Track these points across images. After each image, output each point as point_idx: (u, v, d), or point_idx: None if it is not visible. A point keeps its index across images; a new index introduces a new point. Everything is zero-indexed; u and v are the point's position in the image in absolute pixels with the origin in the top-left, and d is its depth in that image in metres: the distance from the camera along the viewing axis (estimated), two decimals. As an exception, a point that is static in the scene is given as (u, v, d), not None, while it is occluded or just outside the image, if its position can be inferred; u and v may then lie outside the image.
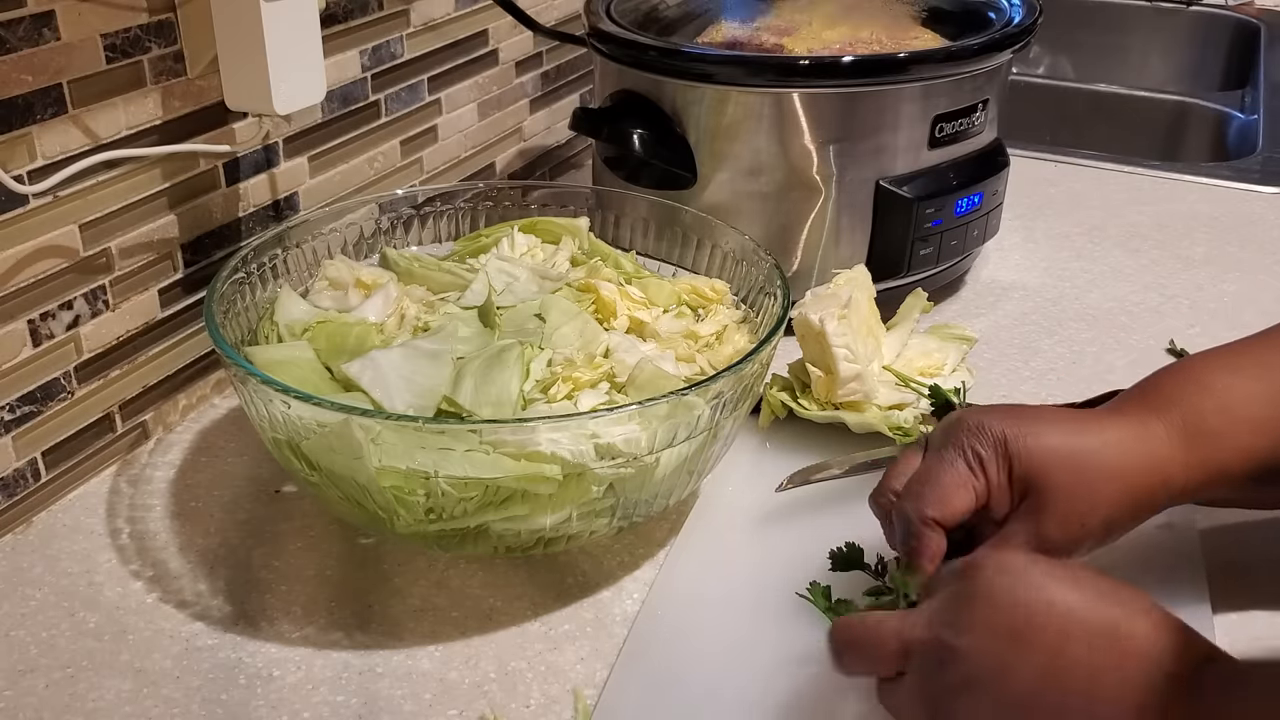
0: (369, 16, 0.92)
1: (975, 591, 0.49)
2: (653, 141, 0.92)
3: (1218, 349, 0.63)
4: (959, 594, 0.50)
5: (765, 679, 0.61)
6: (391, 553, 0.70)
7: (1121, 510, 0.58)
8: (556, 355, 0.69)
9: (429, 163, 1.04)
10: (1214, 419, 0.58)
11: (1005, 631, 0.48)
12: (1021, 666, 0.47)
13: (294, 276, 0.78)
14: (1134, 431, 0.59)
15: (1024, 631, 0.47)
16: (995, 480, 0.58)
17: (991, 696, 0.47)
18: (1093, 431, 0.59)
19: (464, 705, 0.60)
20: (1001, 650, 0.48)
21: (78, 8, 0.68)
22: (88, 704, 0.60)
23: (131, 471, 0.78)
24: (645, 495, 0.65)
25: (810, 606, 0.64)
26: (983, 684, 0.48)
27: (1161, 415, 0.59)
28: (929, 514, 0.57)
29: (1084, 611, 0.48)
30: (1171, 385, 0.61)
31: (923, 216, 0.91)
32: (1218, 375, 0.61)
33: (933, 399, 0.76)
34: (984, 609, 0.49)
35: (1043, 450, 0.57)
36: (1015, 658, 0.47)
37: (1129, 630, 0.47)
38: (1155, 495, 0.58)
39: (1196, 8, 1.81)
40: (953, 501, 0.58)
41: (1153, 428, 0.59)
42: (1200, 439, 0.58)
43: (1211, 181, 1.25)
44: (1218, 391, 0.60)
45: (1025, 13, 0.97)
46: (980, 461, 0.58)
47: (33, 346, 0.71)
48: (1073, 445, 0.58)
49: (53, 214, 0.70)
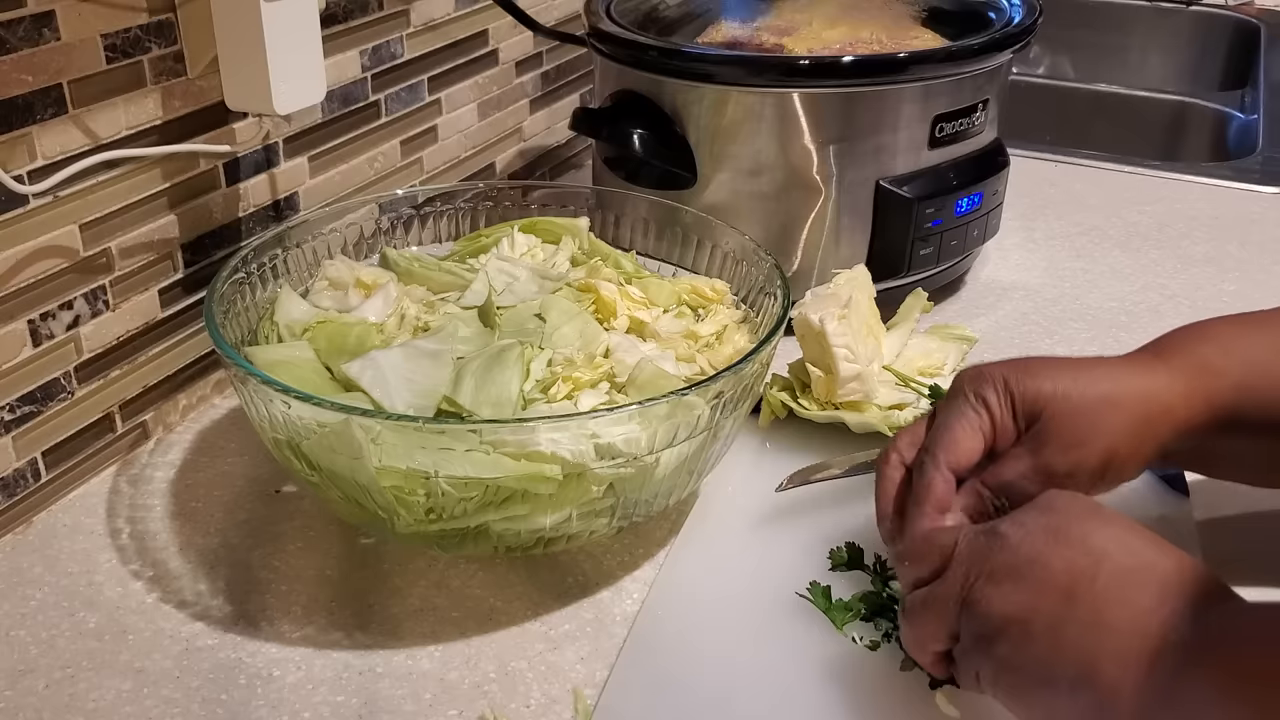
0: (369, 16, 0.92)
1: (1036, 502, 0.53)
2: (653, 141, 0.92)
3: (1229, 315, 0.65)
4: (1028, 506, 0.53)
5: (765, 679, 0.61)
6: (391, 553, 0.70)
7: (1121, 437, 0.59)
8: (556, 355, 0.69)
9: (429, 163, 1.04)
10: (1215, 359, 0.60)
11: (1050, 530, 0.51)
12: (1055, 562, 0.50)
13: (294, 276, 0.78)
14: (1134, 368, 0.60)
15: (1066, 533, 0.51)
16: (1000, 419, 0.59)
17: (1023, 584, 0.50)
18: (1090, 367, 0.61)
19: (464, 705, 0.60)
20: (1041, 545, 0.51)
21: (78, 8, 0.68)
22: (88, 704, 0.60)
23: (131, 471, 0.78)
24: (645, 495, 0.65)
25: (810, 606, 0.64)
26: (1017, 571, 0.50)
27: (1164, 358, 0.61)
28: (941, 458, 0.59)
29: (1127, 535, 0.51)
30: (1177, 337, 0.63)
31: (923, 216, 0.91)
32: (1223, 327, 0.63)
33: (933, 399, 0.76)
34: (1038, 513, 0.53)
35: (1042, 383, 0.59)
36: (1051, 553, 0.50)
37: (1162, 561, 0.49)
38: (1155, 424, 0.59)
39: (1196, 8, 1.81)
40: (964, 446, 0.59)
41: (1154, 365, 0.60)
42: (1200, 374, 0.60)
43: (1211, 181, 1.25)
44: (1221, 339, 0.62)
45: (1025, 13, 0.97)
46: (985, 403, 0.59)
47: (33, 346, 0.71)
48: (1072, 377, 0.59)
49: (53, 214, 0.70)
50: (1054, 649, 0.49)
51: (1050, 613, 0.49)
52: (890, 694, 0.59)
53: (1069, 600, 0.49)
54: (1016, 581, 0.50)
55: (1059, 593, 0.49)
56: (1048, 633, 0.49)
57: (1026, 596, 0.50)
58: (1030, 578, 0.50)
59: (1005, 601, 0.50)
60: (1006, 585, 0.51)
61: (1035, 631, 0.49)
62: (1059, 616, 0.49)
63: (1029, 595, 0.50)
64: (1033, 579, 0.50)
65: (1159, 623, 0.47)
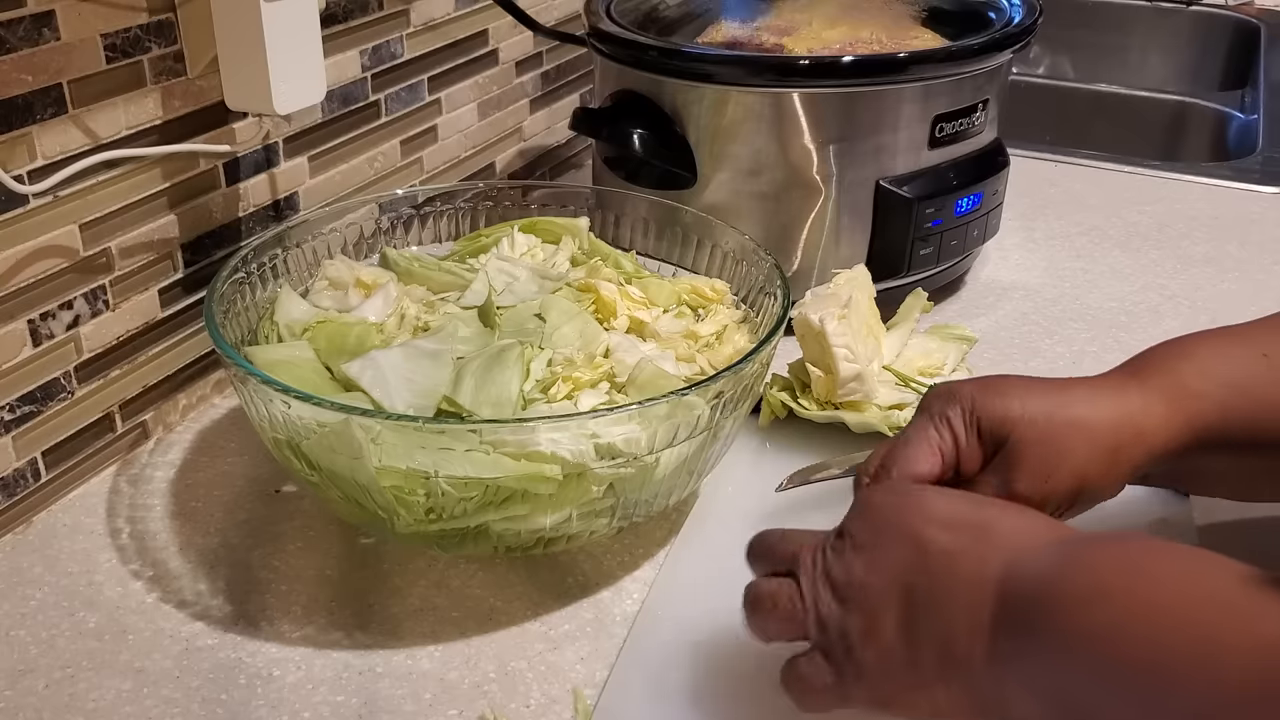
0: (369, 16, 0.92)
1: (859, 504, 0.55)
2: (653, 141, 0.92)
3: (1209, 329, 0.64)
4: (851, 514, 0.55)
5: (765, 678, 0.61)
6: (391, 553, 0.70)
7: (1091, 464, 0.58)
8: (556, 355, 0.69)
9: (429, 163, 1.04)
10: (1193, 380, 0.59)
11: (887, 514, 0.52)
12: (892, 545, 0.51)
13: (294, 276, 0.78)
14: (1106, 390, 0.59)
15: (899, 514, 0.52)
16: (964, 440, 0.59)
17: (866, 563, 0.51)
18: (1061, 389, 0.59)
19: (464, 705, 0.60)
20: (879, 526, 0.52)
21: (78, 8, 0.68)
22: (88, 704, 0.60)
23: (131, 471, 0.78)
24: (645, 495, 0.65)
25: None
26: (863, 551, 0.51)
27: (1141, 379, 0.60)
28: (894, 473, 0.59)
29: (954, 504, 0.52)
30: (1155, 355, 0.62)
31: (923, 216, 0.91)
32: (1200, 344, 0.61)
33: (933, 399, 0.76)
34: (873, 505, 0.54)
35: (1010, 404, 0.58)
36: (888, 535, 0.51)
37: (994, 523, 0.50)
38: (1128, 450, 0.58)
39: (1196, 8, 1.81)
40: (917, 460, 0.59)
41: (1128, 387, 0.59)
42: (1179, 397, 0.58)
43: (1211, 181, 1.25)
44: (1199, 357, 0.60)
45: (1025, 13, 0.97)
46: (948, 423, 0.59)
47: (33, 346, 0.71)
48: (1040, 401, 0.58)
49: (53, 214, 0.70)
50: (911, 646, 0.49)
51: (895, 617, 0.49)
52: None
53: (907, 598, 0.49)
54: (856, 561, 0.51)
55: (896, 594, 0.50)
56: (901, 635, 0.49)
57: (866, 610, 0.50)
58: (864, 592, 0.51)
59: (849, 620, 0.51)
60: (849, 561, 0.52)
61: (887, 638, 0.50)
62: (902, 618, 0.49)
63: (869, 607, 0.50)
64: (866, 594, 0.51)
65: (990, 583, 0.47)
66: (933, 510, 0.52)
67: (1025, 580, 0.47)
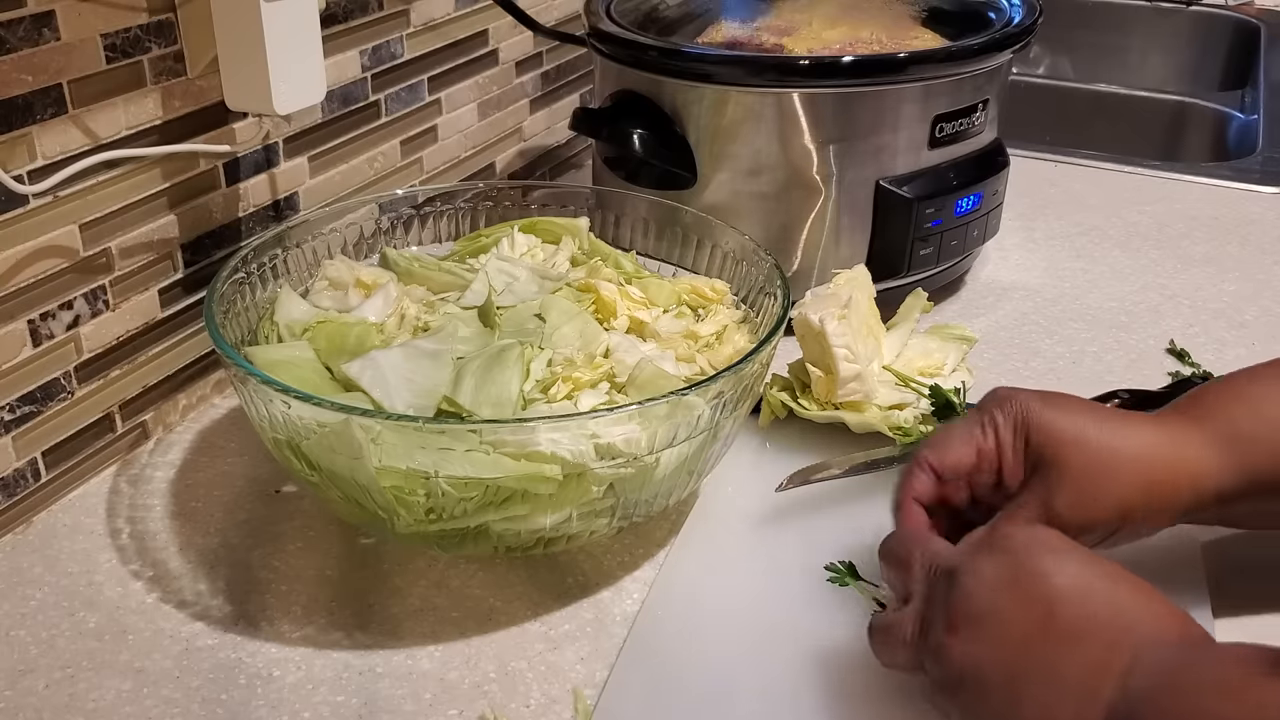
0: (369, 16, 0.92)
1: (995, 543, 0.52)
2: (653, 141, 0.92)
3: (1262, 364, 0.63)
4: (987, 543, 0.52)
5: (765, 678, 0.61)
6: (391, 553, 0.70)
7: (1136, 498, 0.57)
8: (556, 355, 0.69)
9: (429, 163, 1.04)
10: (1245, 423, 0.58)
11: (1006, 578, 0.50)
12: (1010, 615, 0.49)
13: (294, 276, 0.78)
14: (1167, 430, 0.59)
15: (1021, 580, 0.49)
16: (1008, 445, 0.59)
17: (979, 636, 0.49)
18: (1118, 419, 0.59)
19: (464, 705, 0.60)
20: (997, 595, 0.50)
21: (78, 8, 0.68)
22: (88, 704, 0.60)
23: (131, 471, 0.78)
24: (645, 495, 0.65)
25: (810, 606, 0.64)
26: (974, 622, 0.50)
27: (1199, 422, 0.59)
28: (925, 456, 0.60)
29: (1085, 577, 0.49)
30: (1210, 396, 0.61)
31: (923, 216, 0.91)
32: (1254, 385, 0.61)
33: (933, 399, 0.76)
34: (993, 556, 0.51)
35: (1062, 426, 0.58)
36: (1007, 605, 0.49)
37: (1120, 606, 0.48)
38: (1179, 492, 0.58)
39: (1196, 8, 1.81)
40: (952, 451, 0.59)
41: (1188, 431, 0.59)
42: (1233, 442, 0.58)
43: (1211, 181, 1.25)
44: (1252, 399, 0.60)
45: (1025, 13, 0.97)
46: (994, 426, 0.59)
47: (33, 346, 0.71)
48: (1096, 428, 0.58)
49: (53, 214, 0.70)
50: (1011, 704, 0.48)
51: (1006, 667, 0.48)
52: (891, 693, 0.59)
53: (1024, 653, 0.48)
54: (973, 632, 0.50)
55: (1014, 646, 0.49)
56: (1005, 687, 0.48)
57: (984, 649, 0.49)
58: (986, 630, 0.49)
59: (963, 654, 0.50)
60: (964, 635, 0.50)
61: (992, 686, 0.49)
62: (1014, 672, 0.48)
63: (986, 648, 0.49)
64: (989, 632, 0.49)
65: (1114, 673, 0.46)
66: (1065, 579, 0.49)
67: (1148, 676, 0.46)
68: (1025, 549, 0.51)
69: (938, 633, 0.51)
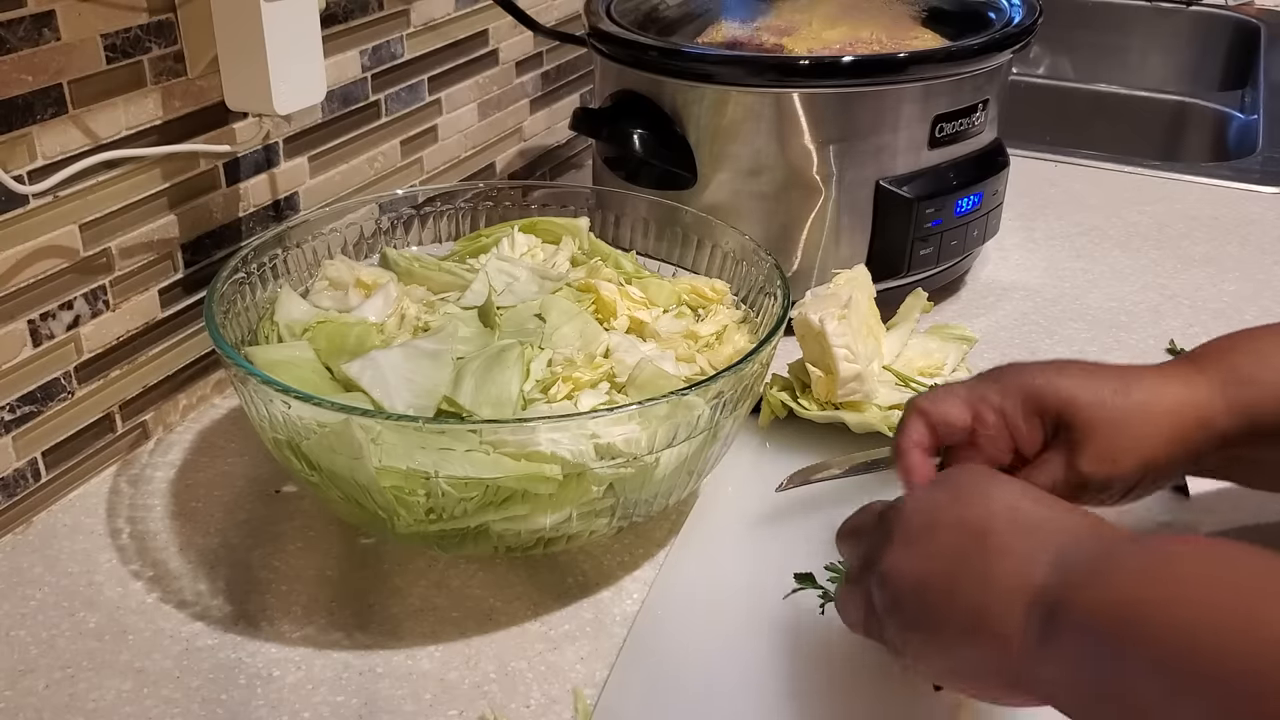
0: (369, 16, 0.92)
1: (938, 479, 0.55)
2: (653, 141, 0.92)
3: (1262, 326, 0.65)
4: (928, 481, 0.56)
5: (765, 678, 0.61)
6: (391, 553, 0.70)
7: (1157, 447, 0.59)
8: (556, 355, 0.69)
9: (429, 163, 1.04)
10: (1253, 369, 0.60)
11: (948, 496, 0.52)
12: (949, 522, 0.51)
13: (294, 276, 0.78)
14: (1173, 378, 0.60)
15: (962, 496, 0.52)
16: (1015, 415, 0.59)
17: (920, 546, 0.51)
18: (1126, 375, 0.60)
19: (464, 705, 0.60)
20: (938, 509, 0.52)
21: (78, 8, 0.68)
22: (88, 704, 0.60)
23: (131, 471, 0.78)
24: (645, 495, 0.65)
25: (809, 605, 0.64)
26: (915, 536, 0.52)
27: (1201, 368, 0.61)
28: (919, 402, 0.61)
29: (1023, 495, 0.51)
30: (1214, 346, 0.63)
31: (923, 216, 0.91)
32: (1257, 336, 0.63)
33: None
34: (937, 484, 0.54)
35: (1075, 388, 0.59)
36: (947, 515, 0.51)
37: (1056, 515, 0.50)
38: (1192, 437, 0.59)
39: (1196, 8, 1.81)
40: (945, 403, 0.60)
41: (1192, 377, 0.60)
42: (1236, 385, 0.59)
43: (1211, 181, 1.25)
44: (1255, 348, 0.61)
45: (1025, 13, 0.97)
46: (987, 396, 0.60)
47: (33, 346, 0.71)
48: (1106, 384, 0.59)
49: (53, 214, 0.70)
50: (948, 605, 0.49)
51: (944, 572, 0.50)
52: (891, 692, 0.59)
53: (961, 558, 0.50)
54: (914, 545, 0.51)
55: (952, 552, 0.50)
56: (943, 591, 0.50)
57: (923, 559, 0.51)
58: (927, 540, 0.51)
59: (905, 566, 0.51)
60: (904, 551, 0.51)
61: (931, 591, 0.50)
62: (952, 574, 0.49)
63: (925, 558, 0.51)
64: (929, 541, 0.51)
65: (1043, 567, 0.47)
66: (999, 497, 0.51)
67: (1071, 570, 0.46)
68: (966, 475, 0.54)
69: (883, 560, 0.52)
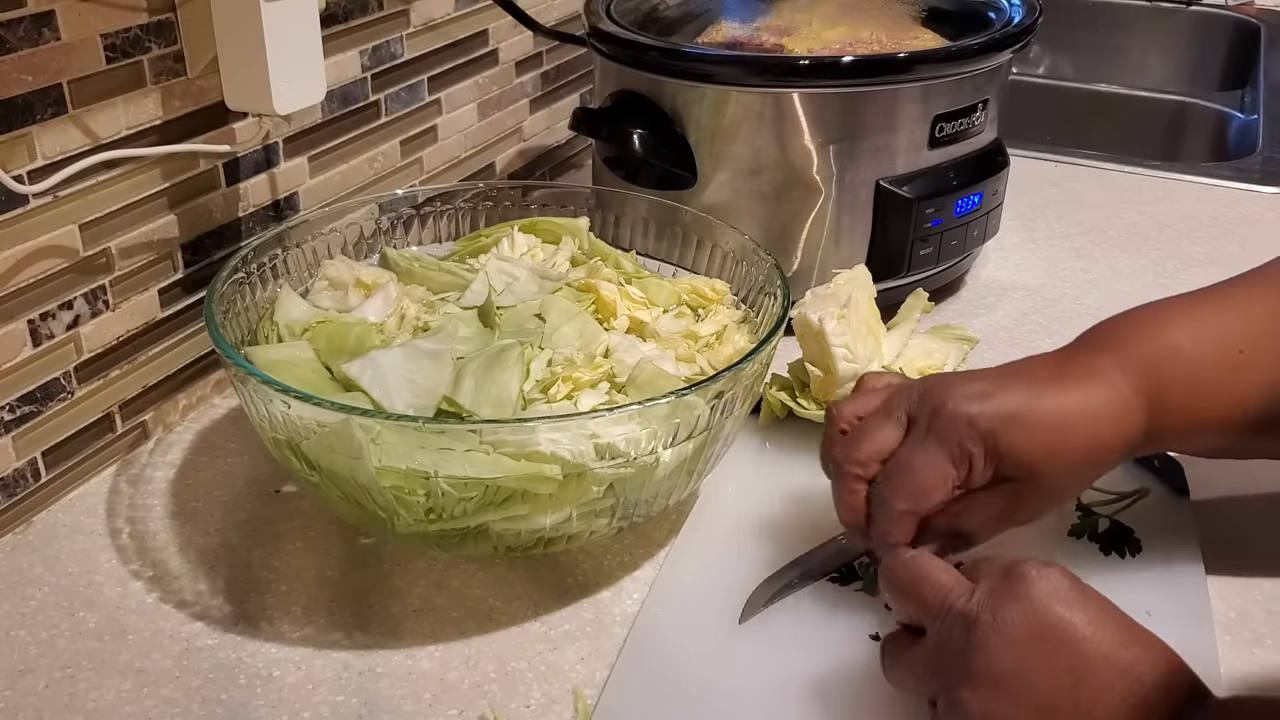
0: (369, 16, 0.92)
1: (1017, 592, 0.51)
2: (653, 141, 0.92)
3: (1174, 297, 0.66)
4: (1005, 591, 0.51)
5: (765, 679, 0.61)
6: (391, 553, 0.70)
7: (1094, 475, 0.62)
8: (556, 355, 0.69)
9: (429, 163, 1.04)
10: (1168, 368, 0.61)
11: (1029, 634, 0.50)
12: (1035, 678, 0.49)
13: (294, 276, 0.78)
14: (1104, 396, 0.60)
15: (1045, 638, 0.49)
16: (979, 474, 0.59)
17: (1001, 694, 0.49)
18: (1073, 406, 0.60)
19: (464, 705, 0.60)
20: (1020, 653, 0.49)
21: (78, 8, 0.68)
22: (88, 704, 0.60)
23: (131, 471, 0.78)
24: (645, 495, 0.65)
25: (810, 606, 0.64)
26: (996, 680, 0.49)
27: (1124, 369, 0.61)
28: (902, 507, 0.59)
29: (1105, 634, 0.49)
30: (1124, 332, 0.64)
31: (923, 216, 0.91)
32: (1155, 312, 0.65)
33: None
34: (1014, 605, 0.50)
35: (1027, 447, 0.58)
36: (1031, 664, 0.49)
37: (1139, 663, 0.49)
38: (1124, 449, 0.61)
39: (1196, 8, 1.81)
40: (931, 496, 0.59)
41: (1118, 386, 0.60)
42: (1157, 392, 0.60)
43: (1211, 181, 1.25)
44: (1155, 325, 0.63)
45: (1025, 13, 0.97)
46: (969, 460, 0.59)
47: (33, 346, 0.71)
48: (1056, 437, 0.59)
49: (53, 214, 0.70)
50: None
51: None
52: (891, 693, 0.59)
53: (1049, 715, 0.49)
54: (994, 692, 0.49)
55: (1039, 710, 0.49)
56: None
57: (1006, 709, 0.49)
58: (1008, 691, 0.49)
59: (984, 712, 0.50)
60: (985, 693, 0.49)
61: None
62: None
63: (1008, 708, 0.49)
64: (1012, 691, 0.49)
65: None
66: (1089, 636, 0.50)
67: None
68: (1044, 598, 0.50)
69: (954, 685, 0.50)
